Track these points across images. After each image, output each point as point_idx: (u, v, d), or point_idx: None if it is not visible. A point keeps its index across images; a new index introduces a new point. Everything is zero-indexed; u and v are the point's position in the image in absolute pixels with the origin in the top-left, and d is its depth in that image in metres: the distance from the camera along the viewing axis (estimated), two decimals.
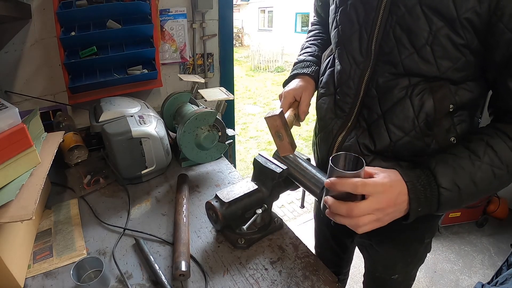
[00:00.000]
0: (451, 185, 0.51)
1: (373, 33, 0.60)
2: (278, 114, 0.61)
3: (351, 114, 0.67)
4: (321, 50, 0.85)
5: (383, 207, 0.49)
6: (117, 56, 1.19)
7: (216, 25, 1.50)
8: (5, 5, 0.84)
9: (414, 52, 0.55)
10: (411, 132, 0.59)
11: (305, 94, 0.75)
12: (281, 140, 0.63)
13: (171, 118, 1.19)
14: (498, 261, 1.89)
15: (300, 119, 0.76)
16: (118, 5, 1.15)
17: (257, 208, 0.74)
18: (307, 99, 0.75)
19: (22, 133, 0.65)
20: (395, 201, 0.50)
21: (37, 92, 1.21)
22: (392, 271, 0.84)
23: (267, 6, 15.09)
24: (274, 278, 0.66)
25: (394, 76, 0.59)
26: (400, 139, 0.61)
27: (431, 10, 0.51)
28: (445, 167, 0.52)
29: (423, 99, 0.57)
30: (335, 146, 0.70)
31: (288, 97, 0.75)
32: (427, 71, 0.56)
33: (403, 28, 0.55)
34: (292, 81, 0.80)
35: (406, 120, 0.59)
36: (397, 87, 0.60)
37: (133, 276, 0.66)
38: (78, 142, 1.05)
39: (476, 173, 0.51)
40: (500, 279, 1.30)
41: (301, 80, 0.79)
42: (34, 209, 0.57)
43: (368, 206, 0.48)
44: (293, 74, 0.82)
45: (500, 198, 2.17)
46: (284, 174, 0.71)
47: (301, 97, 0.75)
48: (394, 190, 0.50)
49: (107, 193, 0.93)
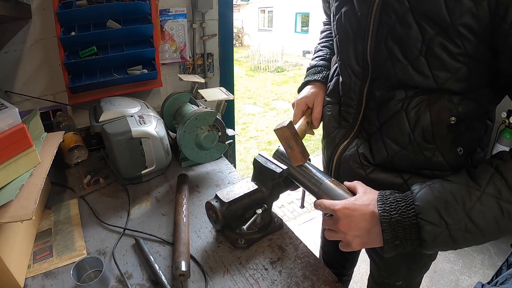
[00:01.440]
0: (436, 218, 0.42)
1: (366, 44, 0.56)
2: (286, 126, 0.61)
3: (354, 124, 0.67)
4: (332, 51, 0.85)
5: (344, 230, 0.50)
6: (117, 56, 1.19)
7: (216, 25, 1.50)
8: (5, 5, 0.84)
9: (408, 64, 0.51)
10: (408, 147, 0.55)
11: (317, 101, 0.75)
12: (292, 151, 0.64)
13: (171, 118, 1.19)
14: (498, 261, 1.89)
15: (313, 126, 0.77)
16: (118, 5, 1.15)
17: (257, 208, 0.74)
18: (319, 105, 0.75)
19: (22, 133, 0.65)
20: (358, 226, 0.48)
21: (37, 92, 1.21)
22: (396, 277, 0.82)
23: (267, 6, 15.10)
24: (274, 278, 0.66)
25: (390, 88, 0.56)
26: (397, 153, 0.57)
27: (423, 18, 0.47)
28: (429, 194, 0.44)
29: (419, 112, 0.52)
30: (336, 155, 0.70)
31: (301, 105, 0.76)
32: (423, 84, 0.51)
33: (394, 39, 0.51)
34: (304, 87, 0.81)
35: (401, 134, 0.55)
36: (393, 99, 0.56)
37: (133, 276, 0.66)
38: (78, 142, 1.05)
39: (474, 206, 0.41)
40: (500, 279, 1.29)
41: (313, 86, 0.79)
42: (34, 209, 0.57)
43: (328, 224, 0.54)
44: (306, 81, 0.82)
45: None
46: (284, 174, 0.71)
47: (313, 104, 0.76)
48: (358, 214, 0.48)
49: (107, 193, 0.93)
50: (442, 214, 0.42)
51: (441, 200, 0.43)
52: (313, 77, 0.81)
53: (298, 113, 0.76)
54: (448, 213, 0.42)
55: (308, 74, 0.84)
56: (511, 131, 2.00)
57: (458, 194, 0.42)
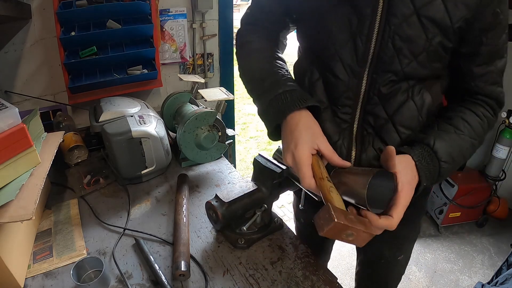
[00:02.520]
0: (449, 158, 0.58)
1: (369, 43, 0.58)
2: (335, 221, 0.44)
3: (353, 123, 0.65)
4: (283, 59, 0.69)
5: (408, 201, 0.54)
6: (117, 56, 1.19)
7: (216, 25, 1.50)
8: (5, 5, 0.84)
9: (414, 59, 0.57)
10: (417, 128, 0.64)
11: (320, 141, 0.56)
12: (356, 234, 0.48)
13: (171, 118, 1.19)
14: (498, 261, 1.89)
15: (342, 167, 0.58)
16: (118, 5, 1.15)
17: (257, 208, 0.74)
18: (326, 143, 0.56)
19: (22, 133, 0.65)
20: (413, 188, 0.54)
21: (37, 92, 1.21)
22: (399, 252, 0.85)
23: None
24: (274, 278, 0.66)
25: (396, 82, 0.60)
26: (408, 136, 0.64)
27: (427, 19, 0.54)
28: (442, 143, 0.58)
29: (424, 97, 0.62)
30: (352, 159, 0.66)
31: (306, 162, 0.54)
32: (423, 74, 0.60)
33: (402, 38, 0.56)
34: (284, 129, 0.59)
35: (412, 119, 0.63)
36: (399, 91, 0.61)
37: (133, 276, 0.66)
38: (78, 142, 1.05)
39: (463, 145, 0.59)
40: (500, 279, 1.30)
41: (298, 122, 0.57)
42: (34, 209, 0.57)
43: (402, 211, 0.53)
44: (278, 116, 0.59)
45: (500, 198, 2.17)
46: (284, 174, 0.71)
47: (318, 147, 0.55)
48: (414, 183, 0.55)
49: (107, 193, 0.93)
50: (452, 154, 0.58)
51: (448, 144, 0.59)
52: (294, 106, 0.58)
53: (310, 175, 0.53)
54: (454, 153, 0.59)
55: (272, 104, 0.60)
56: (511, 131, 2.00)
57: (455, 139, 0.60)
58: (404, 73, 0.59)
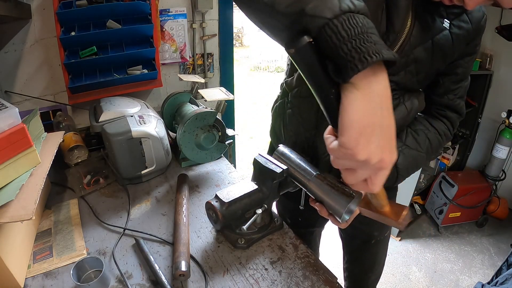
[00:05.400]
0: (405, 172, 0.71)
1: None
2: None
3: None
4: None
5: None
6: (117, 56, 1.19)
7: (216, 25, 1.50)
8: (5, 5, 0.84)
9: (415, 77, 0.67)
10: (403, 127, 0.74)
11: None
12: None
13: (171, 118, 1.19)
14: (498, 261, 1.89)
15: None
16: (118, 5, 1.15)
17: (257, 208, 0.74)
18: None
19: (22, 133, 0.65)
20: None
21: (37, 92, 1.21)
22: (386, 228, 0.97)
23: None
24: (274, 278, 0.66)
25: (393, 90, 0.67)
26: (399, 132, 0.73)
27: (440, 53, 0.64)
28: (404, 160, 0.70)
29: (413, 103, 0.71)
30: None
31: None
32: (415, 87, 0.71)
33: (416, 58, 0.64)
34: (364, 92, 0.37)
35: (403, 119, 0.72)
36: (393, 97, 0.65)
37: (133, 276, 0.66)
38: (78, 142, 1.05)
39: (420, 161, 0.72)
40: (500, 279, 1.30)
41: (388, 95, 0.38)
42: (34, 209, 0.57)
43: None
44: (360, 59, 0.43)
45: (500, 198, 2.17)
46: (284, 174, 0.71)
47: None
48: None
49: (107, 193, 0.93)
50: (409, 170, 0.72)
51: (409, 163, 0.71)
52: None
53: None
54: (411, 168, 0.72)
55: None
56: (511, 131, 2.01)
57: (415, 157, 0.72)
58: (404, 85, 0.68)
